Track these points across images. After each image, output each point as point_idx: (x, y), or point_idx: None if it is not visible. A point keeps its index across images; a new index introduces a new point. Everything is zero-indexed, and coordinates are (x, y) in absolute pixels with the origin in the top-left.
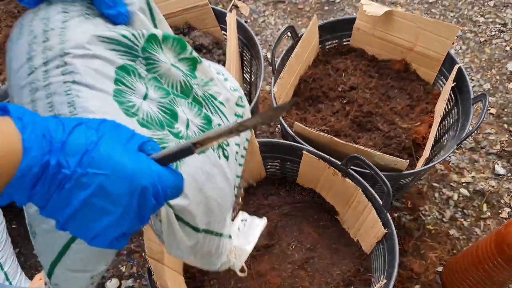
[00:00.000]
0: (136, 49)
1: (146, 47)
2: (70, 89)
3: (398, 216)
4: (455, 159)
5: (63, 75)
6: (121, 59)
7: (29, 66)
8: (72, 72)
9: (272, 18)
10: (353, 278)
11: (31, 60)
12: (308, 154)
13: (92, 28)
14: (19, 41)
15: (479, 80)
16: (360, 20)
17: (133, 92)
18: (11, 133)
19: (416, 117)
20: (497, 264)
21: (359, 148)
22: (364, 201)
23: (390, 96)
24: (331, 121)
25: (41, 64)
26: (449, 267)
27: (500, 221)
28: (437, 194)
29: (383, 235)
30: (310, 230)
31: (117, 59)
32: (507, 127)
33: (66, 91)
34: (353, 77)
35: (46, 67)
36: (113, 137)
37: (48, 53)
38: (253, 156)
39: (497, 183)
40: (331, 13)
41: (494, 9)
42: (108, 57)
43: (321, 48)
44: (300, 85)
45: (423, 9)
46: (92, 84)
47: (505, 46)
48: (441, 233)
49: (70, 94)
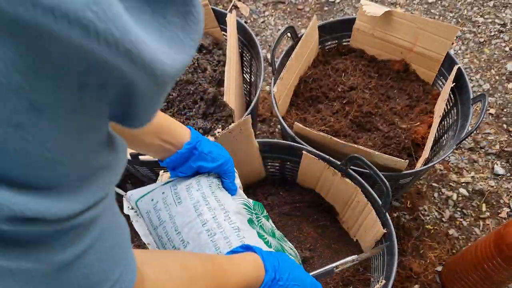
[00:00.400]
0: (250, 210)
1: (253, 208)
2: (238, 232)
3: (398, 216)
4: (454, 159)
5: (230, 225)
6: (248, 215)
7: (201, 220)
8: (235, 223)
9: (272, 19)
10: (352, 278)
11: (201, 216)
12: (308, 154)
13: (230, 197)
14: (181, 204)
15: (479, 80)
16: (359, 20)
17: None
18: (259, 260)
19: (415, 117)
20: (496, 264)
21: (359, 148)
22: (364, 201)
23: (389, 96)
24: (330, 121)
25: (211, 217)
26: (448, 267)
27: (499, 221)
28: (437, 194)
29: (382, 235)
30: (310, 230)
31: (247, 215)
32: (506, 127)
33: (237, 234)
34: (353, 78)
35: (217, 221)
36: (295, 264)
37: (214, 211)
38: (252, 156)
39: (496, 183)
40: (331, 14)
41: (493, 9)
42: (244, 213)
43: (320, 48)
44: (300, 85)
45: (422, 10)
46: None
47: (504, 46)
48: (440, 233)
49: (239, 236)
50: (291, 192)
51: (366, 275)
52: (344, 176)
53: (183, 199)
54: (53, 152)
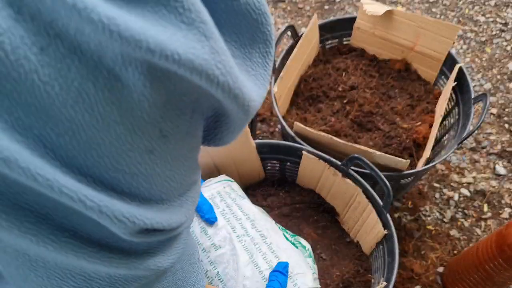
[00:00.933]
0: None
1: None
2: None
3: (399, 216)
4: (455, 159)
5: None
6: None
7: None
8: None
9: (272, 18)
10: (352, 279)
11: (207, 252)
12: (308, 155)
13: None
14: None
15: (480, 80)
16: (360, 19)
17: None
18: None
19: (416, 117)
20: (497, 265)
21: (360, 148)
22: (364, 201)
23: (390, 95)
24: (331, 121)
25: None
26: (449, 267)
27: (501, 222)
28: (438, 194)
29: (383, 236)
30: (310, 231)
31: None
32: (508, 127)
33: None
34: (354, 77)
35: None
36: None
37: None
38: (250, 155)
39: (498, 183)
40: (331, 13)
41: (495, 8)
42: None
43: (321, 47)
44: (300, 84)
45: (423, 9)
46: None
47: (506, 45)
48: (441, 233)
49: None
50: (291, 193)
51: (367, 276)
52: (344, 177)
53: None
54: (172, 171)
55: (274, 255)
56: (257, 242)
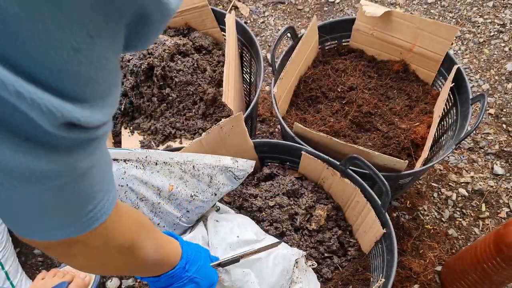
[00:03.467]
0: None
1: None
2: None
3: (397, 216)
4: (453, 159)
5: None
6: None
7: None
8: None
9: (272, 19)
10: (351, 277)
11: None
12: (307, 155)
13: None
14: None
15: (478, 81)
16: (359, 20)
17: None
18: (178, 248)
19: (415, 118)
20: (495, 264)
21: (358, 148)
22: (363, 201)
23: (389, 96)
24: (330, 122)
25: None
26: (447, 266)
27: (499, 221)
28: (436, 194)
29: (381, 235)
30: None
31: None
32: (506, 127)
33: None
34: (352, 78)
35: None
36: (206, 260)
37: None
38: (247, 153)
39: (496, 183)
40: (331, 14)
41: (493, 9)
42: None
43: (320, 48)
44: (299, 85)
45: (422, 10)
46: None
47: (504, 46)
48: (440, 232)
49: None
50: None
51: (365, 275)
52: (343, 176)
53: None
54: (96, 73)
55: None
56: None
